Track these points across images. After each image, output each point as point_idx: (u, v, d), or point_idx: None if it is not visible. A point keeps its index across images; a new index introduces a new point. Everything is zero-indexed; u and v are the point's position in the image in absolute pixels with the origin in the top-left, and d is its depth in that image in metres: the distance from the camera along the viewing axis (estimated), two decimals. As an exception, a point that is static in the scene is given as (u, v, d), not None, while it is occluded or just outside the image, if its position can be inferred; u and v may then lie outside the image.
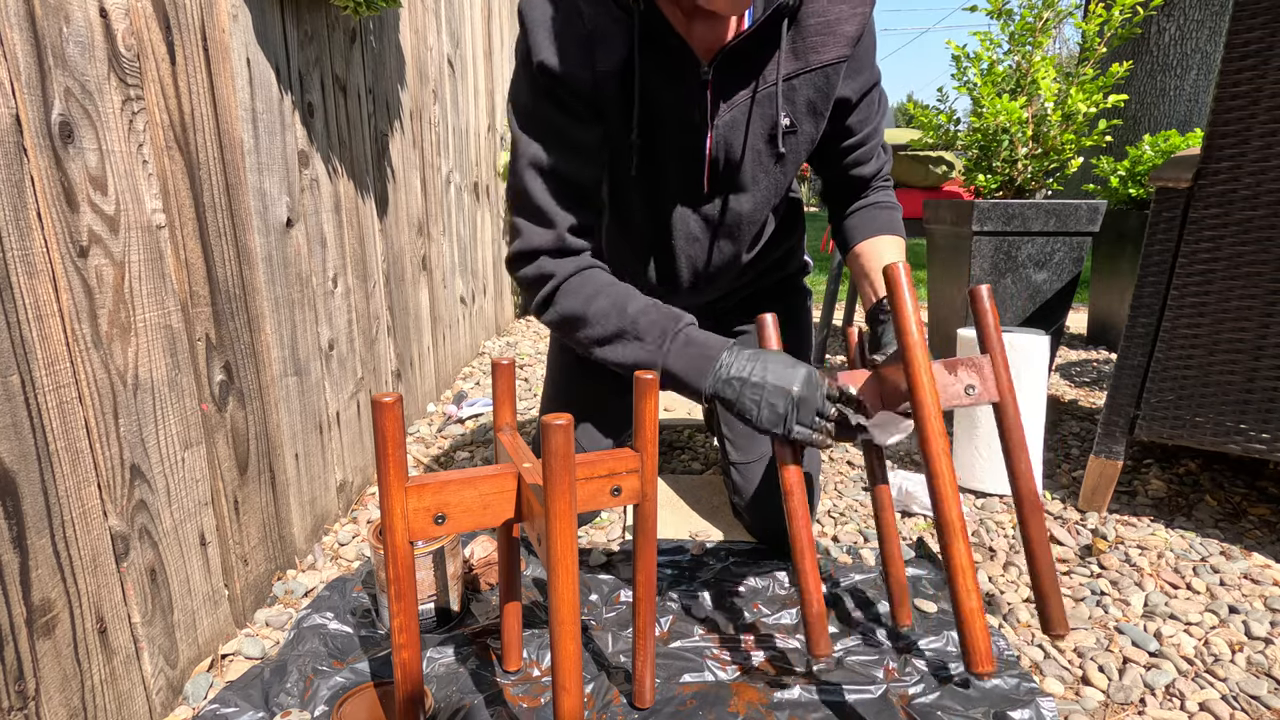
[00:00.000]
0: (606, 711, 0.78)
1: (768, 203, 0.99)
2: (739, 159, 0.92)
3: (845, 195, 1.07)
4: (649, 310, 0.87)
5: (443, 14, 1.88)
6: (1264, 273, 1.03)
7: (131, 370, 0.72)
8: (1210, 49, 3.27)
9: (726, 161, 0.93)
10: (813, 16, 0.85)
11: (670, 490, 1.35)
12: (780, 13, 0.82)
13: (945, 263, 1.94)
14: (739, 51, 0.85)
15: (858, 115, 0.96)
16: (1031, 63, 1.75)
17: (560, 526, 0.58)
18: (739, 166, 0.93)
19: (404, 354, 1.59)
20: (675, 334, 0.85)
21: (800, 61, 0.86)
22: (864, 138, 0.99)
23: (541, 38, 0.83)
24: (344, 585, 1.00)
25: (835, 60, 0.87)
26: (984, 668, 0.64)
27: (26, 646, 0.60)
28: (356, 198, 1.30)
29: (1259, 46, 0.98)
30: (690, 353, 0.83)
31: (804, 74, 0.87)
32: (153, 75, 0.75)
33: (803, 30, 0.85)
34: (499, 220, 2.62)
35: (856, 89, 0.93)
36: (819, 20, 0.85)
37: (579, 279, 0.90)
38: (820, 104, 0.90)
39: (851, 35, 0.86)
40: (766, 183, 0.96)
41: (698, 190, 0.96)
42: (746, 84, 0.87)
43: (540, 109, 0.87)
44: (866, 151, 1.00)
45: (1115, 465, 1.20)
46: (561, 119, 0.86)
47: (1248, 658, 0.87)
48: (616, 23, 0.83)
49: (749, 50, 0.85)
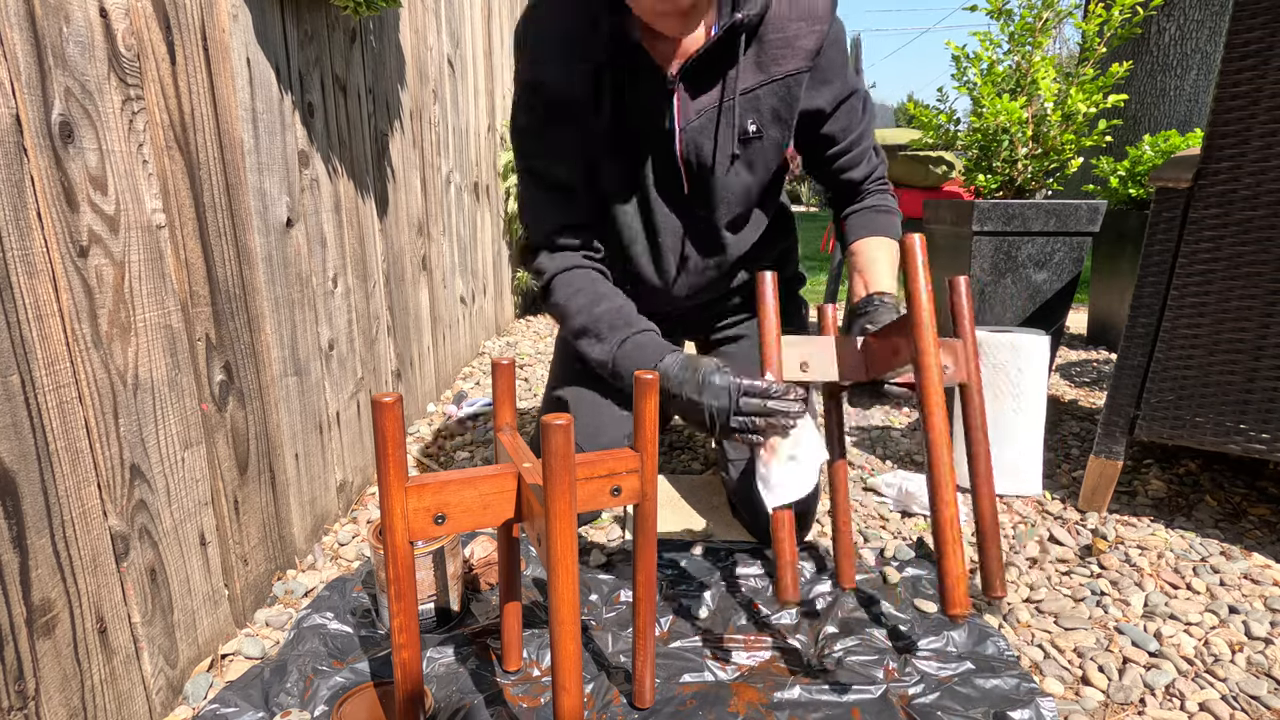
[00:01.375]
0: (606, 711, 0.78)
1: (742, 203, 1.05)
2: (710, 162, 0.99)
3: (842, 198, 1.14)
4: (611, 313, 0.97)
5: (443, 14, 1.88)
6: (1264, 273, 1.03)
7: (131, 370, 0.72)
8: (1210, 49, 3.27)
9: (699, 164, 1.00)
10: (773, 33, 0.94)
11: (670, 490, 1.35)
12: (735, 30, 0.90)
13: (945, 263, 1.94)
14: (702, 63, 0.93)
15: (836, 124, 1.04)
16: (1031, 63, 1.75)
17: (560, 526, 0.58)
18: (711, 169, 1.00)
19: (404, 354, 1.59)
20: (626, 339, 0.95)
21: (764, 74, 0.95)
22: (848, 145, 1.06)
23: (529, 53, 0.93)
24: (344, 585, 1.00)
25: (795, 71, 0.95)
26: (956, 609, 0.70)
27: (26, 646, 0.60)
28: (356, 198, 1.30)
29: (1259, 46, 0.98)
30: (635, 355, 0.94)
31: (767, 84, 0.95)
32: (153, 75, 0.75)
33: (764, 45, 0.94)
34: (499, 220, 2.62)
35: (829, 99, 1.01)
36: (779, 36, 0.94)
37: (566, 276, 1.01)
38: (784, 111, 0.98)
39: (809, 49, 0.94)
40: (738, 184, 1.02)
41: (679, 191, 1.03)
42: (714, 93, 0.96)
43: (529, 121, 0.97)
44: (854, 157, 1.07)
45: (1115, 465, 1.20)
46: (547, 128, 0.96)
47: (1248, 658, 0.87)
48: (594, 35, 0.91)
49: (712, 62, 0.94)
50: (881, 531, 1.19)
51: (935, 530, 0.72)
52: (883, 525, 1.22)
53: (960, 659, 0.86)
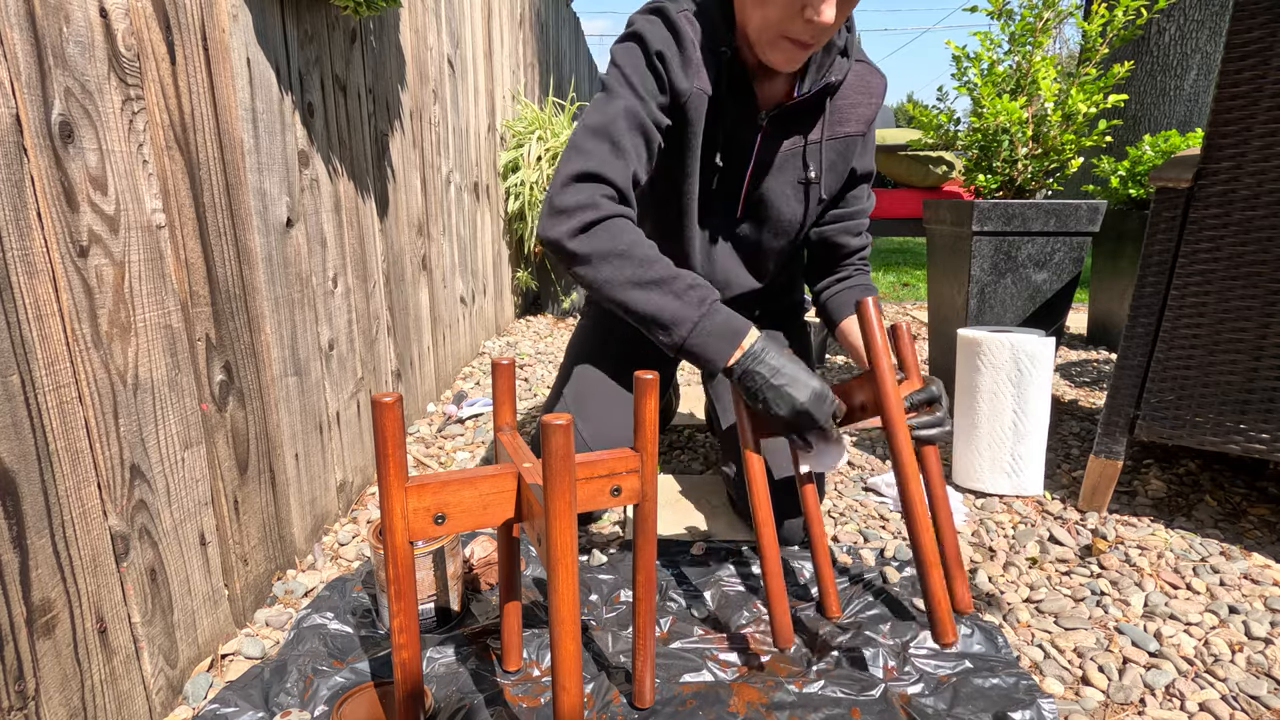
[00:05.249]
0: (606, 711, 0.78)
1: (785, 235, 1.15)
2: (771, 196, 1.11)
3: (828, 260, 1.22)
4: (689, 275, 0.93)
5: (443, 14, 1.88)
6: (1264, 273, 1.03)
7: (131, 370, 0.72)
8: (1210, 49, 3.26)
9: (761, 197, 1.11)
10: (843, 99, 1.09)
11: (670, 490, 1.35)
12: (826, 90, 1.05)
13: (945, 263, 1.94)
14: (790, 111, 1.05)
15: (857, 191, 1.18)
16: (1032, 63, 1.75)
17: (560, 526, 0.58)
18: (770, 202, 1.11)
19: (404, 354, 1.59)
20: (713, 301, 0.92)
21: (830, 131, 1.10)
22: (857, 211, 1.19)
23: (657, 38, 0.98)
24: (344, 585, 1.00)
25: (855, 133, 1.10)
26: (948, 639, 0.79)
27: (26, 646, 0.60)
28: (356, 198, 1.30)
29: (1259, 46, 0.98)
30: (720, 322, 0.90)
31: (830, 140, 1.10)
32: (153, 75, 0.75)
33: (834, 108, 1.09)
34: (499, 220, 2.62)
35: (863, 166, 1.16)
36: (846, 102, 1.09)
37: (624, 221, 0.93)
38: (840, 165, 1.12)
39: (868, 117, 1.11)
40: (789, 218, 1.13)
41: (734, 213, 1.13)
42: (789, 137, 1.08)
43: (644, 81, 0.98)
44: (857, 225, 1.20)
45: (1115, 465, 1.20)
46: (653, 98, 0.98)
47: (1248, 658, 0.87)
48: (710, 58, 1.00)
49: (797, 112, 1.06)
50: (881, 532, 1.19)
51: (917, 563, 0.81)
52: (883, 525, 1.22)
53: (960, 658, 0.86)
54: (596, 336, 1.26)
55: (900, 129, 2.55)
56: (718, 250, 1.16)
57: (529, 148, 2.64)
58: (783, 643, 0.83)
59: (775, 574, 0.85)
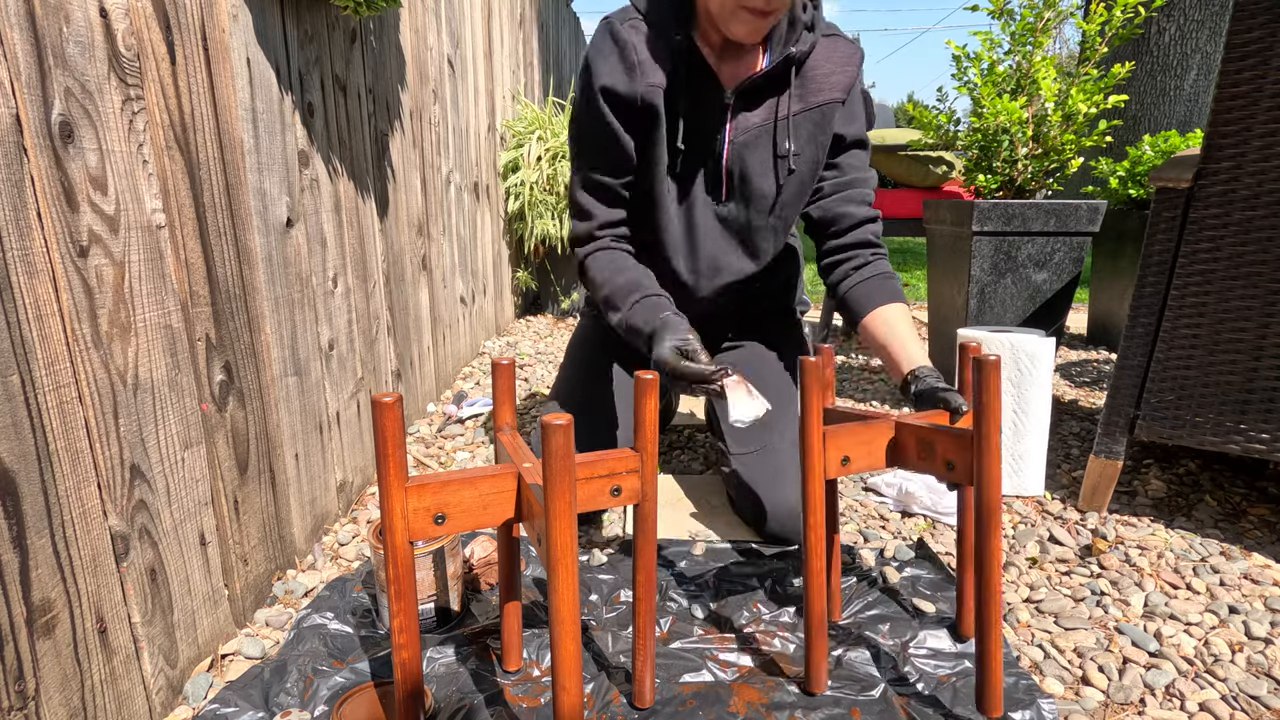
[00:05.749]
0: (606, 711, 0.78)
1: (770, 212, 1.14)
2: (750, 172, 1.10)
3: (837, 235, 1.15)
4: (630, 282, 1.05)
5: (443, 14, 1.88)
6: (1264, 273, 1.03)
7: (131, 370, 0.72)
8: (1210, 49, 3.26)
9: (741, 174, 1.11)
10: (814, 70, 1.09)
11: (670, 490, 1.35)
12: (789, 61, 1.05)
13: (945, 263, 1.94)
14: (756, 86, 1.06)
15: (851, 159, 1.15)
16: (1032, 63, 1.75)
17: (560, 526, 0.58)
18: (749, 178, 1.11)
19: (404, 354, 1.59)
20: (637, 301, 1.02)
21: (803, 103, 1.09)
22: (857, 180, 1.15)
23: (600, 66, 1.04)
24: (344, 585, 1.00)
25: (830, 101, 1.09)
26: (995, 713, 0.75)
27: (26, 646, 0.60)
28: (356, 198, 1.30)
29: (1259, 46, 0.98)
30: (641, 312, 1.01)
31: (805, 111, 1.09)
32: (153, 75, 0.75)
33: (805, 79, 1.09)
34: (499, 220, 2.62)
35: (851, 133, 1.13)
36: (818, 73, 1.09)
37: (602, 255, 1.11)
38: (819, 134, 1.11)
39: (844, 84, 1.09)
40: (767, 192, 1.12)
41: (717, 195, 1.13)
42: (761, 114, 1.09)
43: (592, 125, 1.07)
44: (860, 193, 1.15)
45: (1115, 465, 1.20)
46: (607, 132, 1.06)
47: (1248, 658, 0.87)
48: (662, 52, 1.04)
49: (763, 87, 1.07)
50: (881, 531, 1.19)
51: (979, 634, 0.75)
52: (883, 525, 1.22)
53: (960, 658, 0.86)
54: (596, 337, 1.27)
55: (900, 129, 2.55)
56: (702, 235, 1.15)
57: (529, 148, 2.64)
58: (814, 688, 0.79)
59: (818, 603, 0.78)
